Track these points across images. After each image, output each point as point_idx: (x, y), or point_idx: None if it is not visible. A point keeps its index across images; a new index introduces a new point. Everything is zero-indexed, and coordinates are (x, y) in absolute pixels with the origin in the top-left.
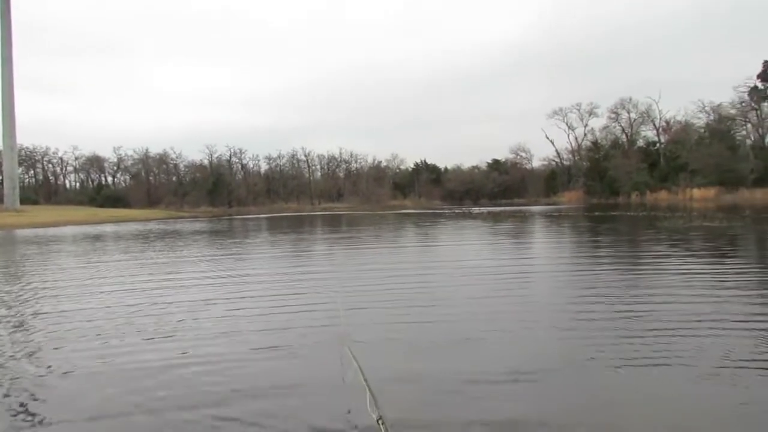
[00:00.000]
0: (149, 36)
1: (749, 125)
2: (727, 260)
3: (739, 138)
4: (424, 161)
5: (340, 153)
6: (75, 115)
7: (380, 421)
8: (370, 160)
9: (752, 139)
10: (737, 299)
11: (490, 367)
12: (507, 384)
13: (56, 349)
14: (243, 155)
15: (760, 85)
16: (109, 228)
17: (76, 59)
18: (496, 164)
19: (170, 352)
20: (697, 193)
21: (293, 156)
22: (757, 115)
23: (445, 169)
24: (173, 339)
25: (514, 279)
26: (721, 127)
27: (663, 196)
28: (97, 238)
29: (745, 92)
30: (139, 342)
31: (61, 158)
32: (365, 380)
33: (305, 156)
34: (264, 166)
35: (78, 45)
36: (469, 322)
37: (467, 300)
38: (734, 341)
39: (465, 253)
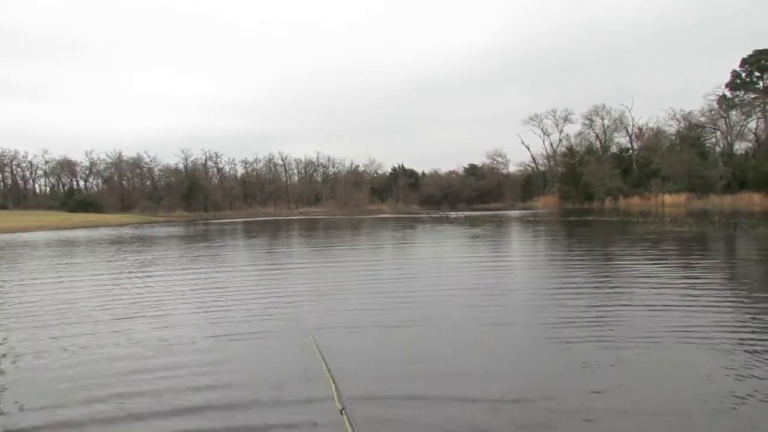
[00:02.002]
0: (121, 39)
1: (718, 133)
2: (689, 263)
3: (708, 145)
4: (402, 166)
5: (318, 157)
6: (45, 119)
7: (343, 411)
8: (347, 164)
9: (721, 146)
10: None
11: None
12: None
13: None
14: (219, 159)
15: (728, 93)
16: (81, 233)
17: (46, 62)
18: (473, 169)
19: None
20: (668, 198)
21: (270, 160)
22: (726, 123)
23: (423, 173)
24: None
25: (481, 276)
26: (691, 135)
27: (635, 201)
28: (69, 242)
29: (714, 101)
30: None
31: (30, 162)
32: (329, 371)
33: (282, 160)
34: (240, 170)
35: (47, 48)
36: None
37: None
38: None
39: (440, 254)
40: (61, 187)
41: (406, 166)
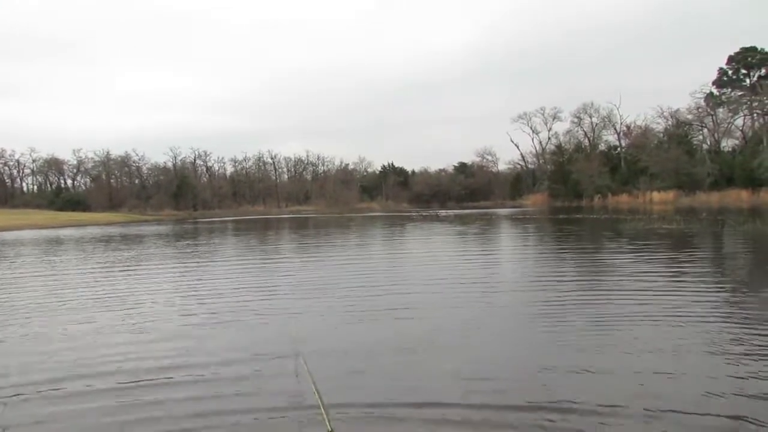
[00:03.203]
0: (109, 38)
1: (705, 130)
2: (674, 258)
3: (696, 143)
4: (392, 164)
5: (307, 155)
6: (32, 117)
7: None
8: (337, 162)
9: (708, 143)
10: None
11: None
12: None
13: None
14: (208, 158)
15: (715, 91)
16: (68, 232)
17: (32, 61)
18: (462, 167)
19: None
20: (656, 196)
21: (259, 158)
22: (713, 121)
23: (413, 172)
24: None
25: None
26: (678, 132)
27: (624, 199)
28: (54, 241)
29: (701, 98)
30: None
31: (17, 160)
32: (317, 393)
33: (272, 158)
34: (230, 169)
35: (33, 47)
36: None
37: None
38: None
39: (428, 251)
40: (48, 185)
41: (396, 165)
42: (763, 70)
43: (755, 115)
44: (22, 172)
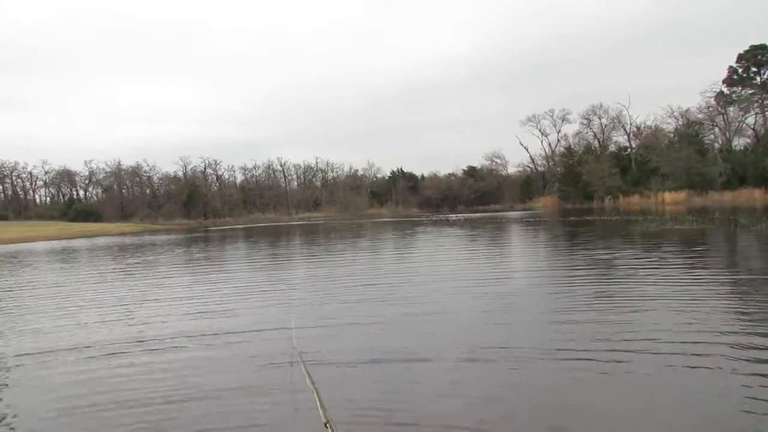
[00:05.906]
0: (117, 52)
1: (717, 129)
2: (688, 258)
3: (707, 142)
4: (401, 169)
5: (317, 162)
6: (44, 130)
7: (328, 425)
8: (346, 168)
9: (720, 142)
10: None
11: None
12: None
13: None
14: (218, 166)
15: (725, 90)
16: (80, 243)
17: (37, 74)
18: (472, 171)
19: None
20: (668, 196)
21: (269, 166)
22: (724, 120)
23: (422, 176)
24: None
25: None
26: (689, 132)
27: (635, 200)
28: (68, 251)
29: (711, 97)
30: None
31: (30, 173)
32: (313, 384)
33: (281, 166)
34: (239, 177)
35: (42, 61)
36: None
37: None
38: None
39: (437, 258)
40: (61, 197)
41: (405, 170)
42: None
43: (767, 113)
44: (35, 185)
